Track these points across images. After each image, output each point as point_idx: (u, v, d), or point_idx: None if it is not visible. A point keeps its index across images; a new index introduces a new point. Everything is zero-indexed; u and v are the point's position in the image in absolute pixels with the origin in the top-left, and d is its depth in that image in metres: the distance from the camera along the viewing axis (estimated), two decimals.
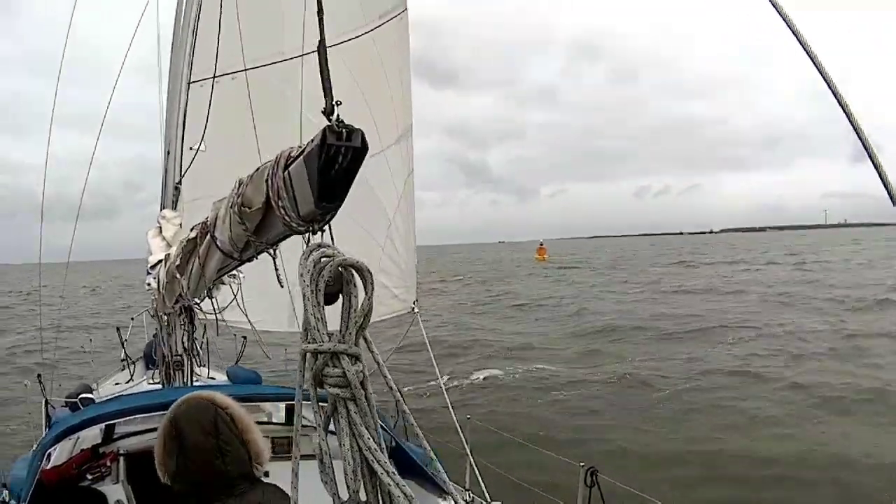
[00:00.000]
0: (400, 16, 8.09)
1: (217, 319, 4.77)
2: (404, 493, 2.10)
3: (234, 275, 4.19)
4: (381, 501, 2.18)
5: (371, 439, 2.12)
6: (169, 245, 5.88)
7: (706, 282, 45.55)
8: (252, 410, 6.26)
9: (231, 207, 2.81)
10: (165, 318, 6.76)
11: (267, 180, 2.54)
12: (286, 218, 2.44)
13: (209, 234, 3.32)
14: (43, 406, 7.93)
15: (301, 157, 2.33)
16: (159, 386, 7.67)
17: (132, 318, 11.99)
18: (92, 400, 7.04)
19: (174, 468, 2.40)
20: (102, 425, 5.17)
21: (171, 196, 6.64)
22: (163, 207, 6.77)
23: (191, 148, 6.81)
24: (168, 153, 7.04)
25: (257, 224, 2.74)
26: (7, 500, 5.41)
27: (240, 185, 2.81)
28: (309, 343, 2.16)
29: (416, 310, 8.24)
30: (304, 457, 5.22)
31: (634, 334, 24.96)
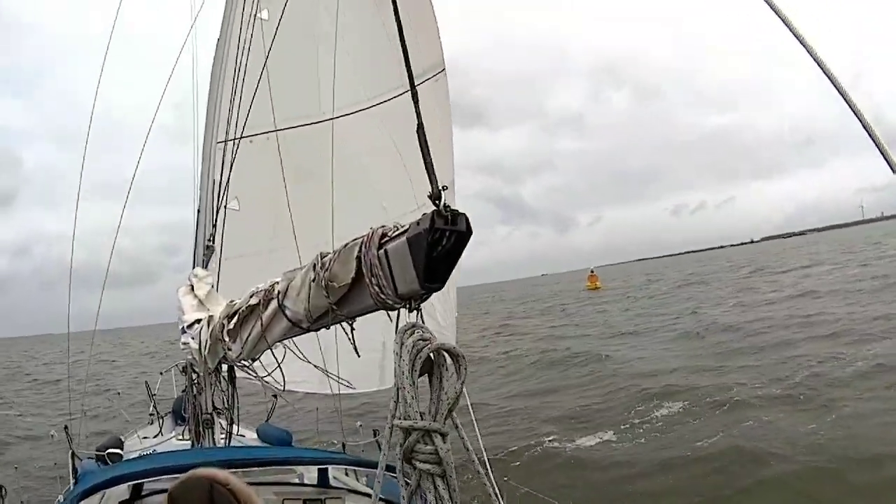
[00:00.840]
0: (436, 77, 8.20)
1: (283, 381, 4.72)
2: None
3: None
4: None
5: None
6: (201, 304, 5.88)
7: (793, 289, 42.11)
8: (284, 472, 6.21)
9: (313, 280, 2.84)
10: (196, 376, 6.72)
11: (358, 257, 2.59)
12: (381, 295, 2.49)
13: (276, 304, 3.34)
14: (70, 458, 7.87)
15: (402, 236, 2.38)
16: (188, 443, 7.61)
17: (161, 373, 11.92)
18: (120, 455, 6.99)
19: None
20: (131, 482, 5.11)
21: (203, 255, 6.64)
22: (194, 266, 6.77)
23: (225, 206, 6.86)
24: (199, 212, 7.09)
25: (340, 297, 2.78)
26: None
27: (322, 257, 2.84)
28: (403, 419, 2.22)
29: None
30: None
31: (770, 351, 21.06)
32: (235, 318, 4.02)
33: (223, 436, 7.06)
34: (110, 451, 7.12)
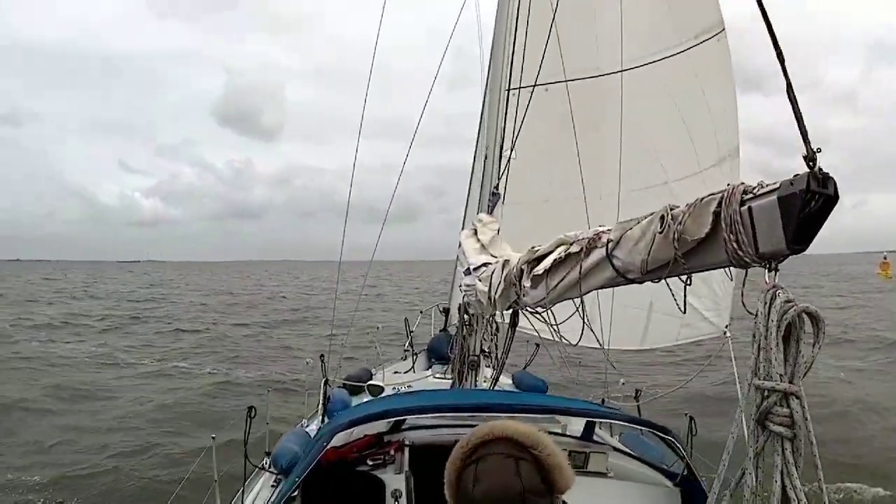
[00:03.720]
0: (717, 37, 7.90)
1: (581, 332, 4.72)
2: None
3: None
4: None
5: (798, 479, 2.18)
6: (483, 248, 6.04)
7: None
8: (548, 420, 6.30)
9: (660, 232, 2.83)
10: (469, 317, 6.93)
11: (716, 212, 2.55)
12: (738, 252, 2.44)
13: (604, 252, 3.37)
14: (322, 385, 8.15)
15: (772, 195, 2.32)
16: (447, 382, 7.88)
17: (421, 312, 12.46)
18: (381, 388, 7.31)
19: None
20: None
21: (488, 201, 6.81)
22: (477, 212, 6.97)
23: (504, 155, 6.99)
24: (486, 158, 7.26)
25: (685, 251, 2.76)
26: (268, 467, 5.68)
27: (671, 209, 2.82)
28: (764, 380, 2.22)
29: (727, 334, 7.99)
30: (592, 473, 5.14)
31: None
32: (546, 262, 4.08)
33: (483, 380, 7.26)
34: (372, 384, 7.40)
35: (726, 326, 8.04)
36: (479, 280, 5.53)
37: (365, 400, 6.79)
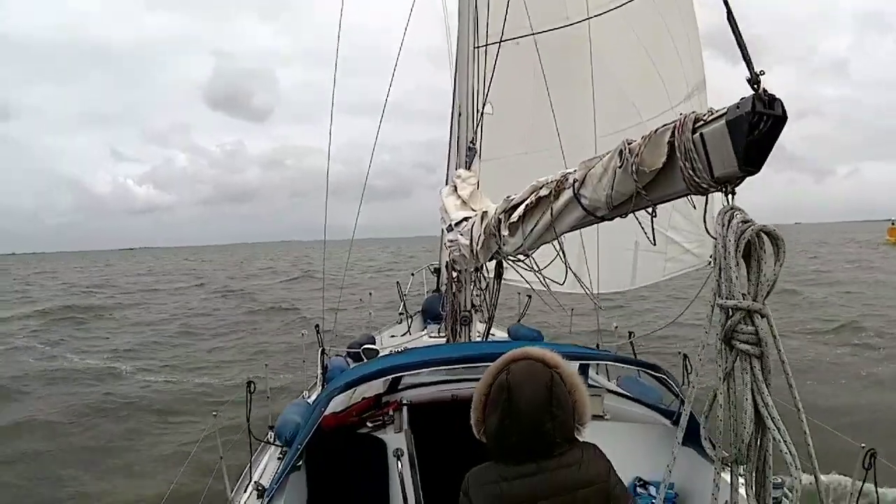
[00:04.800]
0: None
1: (564, 276, 4.77)
2: (791, 452, 2.16)
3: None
4: (763, 458, 2.28)
5: (769, 396, 2.22)
6: (464, 203, 6.08)
7: None
8: None
9: (619, 167, 2.90)
10: (457, 273, 7.01)
11: (670, 142, 2.61)
12: (695, 179, 2.50)
13: (571, 193, 3.43)
14: (319, 354, 8.25)
15: (721, 119, 2.38)
16: (442, 340, 7.97)
17: (412, 274, 12.55)
18: (377, 351, 7.38)
19: (495, 428, 2.31)
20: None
21: (465, 157, 6.85)
22: (456, 168, 7.01)
23: (478, 111, 7.02)
24: (460, 115, 7.29)
25: (646, 184, 2.82)
26: (272, 441, 5.74)
27: (628, 143, 2.88)
28: (727, 299, 2.27)
29: (712, 264, 8.09)
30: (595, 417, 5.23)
31: None
32: (519, 209, 4.14)
33: (477, 334, 7.34)
34: (367, 347, 7.47)
35: (710, 256, 8.13)
36: (461, 235, 5.59)
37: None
